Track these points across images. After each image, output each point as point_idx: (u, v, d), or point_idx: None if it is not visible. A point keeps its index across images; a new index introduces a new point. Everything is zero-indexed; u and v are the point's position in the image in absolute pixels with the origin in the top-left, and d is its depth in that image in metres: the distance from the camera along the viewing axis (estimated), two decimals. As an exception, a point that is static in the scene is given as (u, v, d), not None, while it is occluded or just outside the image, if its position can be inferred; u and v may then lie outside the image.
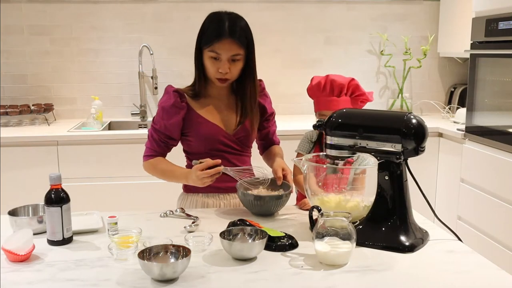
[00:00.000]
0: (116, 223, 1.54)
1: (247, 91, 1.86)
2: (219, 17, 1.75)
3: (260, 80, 1.94)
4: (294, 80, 3.79)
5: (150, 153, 1.89)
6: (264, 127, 1.99)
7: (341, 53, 3.83)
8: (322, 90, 1.91)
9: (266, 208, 1.70)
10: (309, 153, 1.93)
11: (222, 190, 1.89)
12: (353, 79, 1.90)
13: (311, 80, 1.98)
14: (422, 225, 1.56)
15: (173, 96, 1.83)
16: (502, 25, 2.72)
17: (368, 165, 1.64)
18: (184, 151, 1.93)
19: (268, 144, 2.04)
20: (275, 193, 1.75)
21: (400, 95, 3.80)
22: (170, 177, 1.85)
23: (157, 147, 1.87)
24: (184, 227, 1.59)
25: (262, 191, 1.77)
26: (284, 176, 1.78)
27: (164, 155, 1.90)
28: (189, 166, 1.91)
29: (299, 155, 1.97)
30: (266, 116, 1.97)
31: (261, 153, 2.08)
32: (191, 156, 1.88)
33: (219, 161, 1.70)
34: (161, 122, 1.84)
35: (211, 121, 1.85)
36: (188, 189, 1.93)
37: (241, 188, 1.74)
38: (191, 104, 1.85)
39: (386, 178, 1.45)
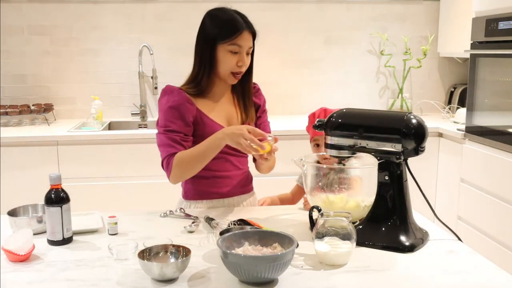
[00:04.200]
0: (116, 223, 1.54)
1: (247, 86, 1.85)
2: (229, 11, 1.76)
3: (254, 83, 1.92)
4: (294, 80, 3.79)
5: (172, 158, 1.70)
6: (258, 125, 1.92)
7: (341, 53, 3.83)
8: (316, 118, 1.93)
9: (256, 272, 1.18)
10: None
11: (225, 194, 1.84)
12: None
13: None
14: (422, 225, 1.56)
15: (180, 92, 1.76)
16: (502, 25, 2.72)
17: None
18: None
19: None
20: (269, 250, 1.28)
21: (400, 95, 3.80)
22: (204, 155, 1.67)
23: (179, 146, 1.71)
24: (184, 227, 1.59)
25: (248, 249, 1.29)
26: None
27: None
28: None
29: (297, 186, 2.02)
30: (259, 113, 1.93)
31: (254, 159, 1.82)
32: None
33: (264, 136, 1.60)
34: (177, 123, 1.72)
35: (216, 122, 1.79)
36: (189, 196, 1.86)
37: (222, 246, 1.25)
38: (195, 103, 1.78)
39: (386, 178, 1.45)
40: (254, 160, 1.83)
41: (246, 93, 1.86)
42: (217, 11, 1.78)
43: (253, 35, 1.76)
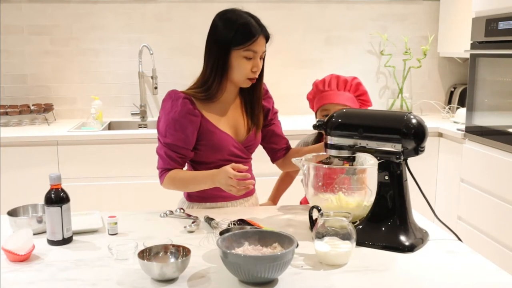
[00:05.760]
0: (116, 223, 1.54)
1: (257, 92, 1.80)
2: (242, 14, 1.68)
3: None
4: (294, 80, 3.79)
5: (166, 173, 1.74)
6: (271, 124, 1.90)
7: (341, 53, 3.83)
8: (328, 85, 1.92)
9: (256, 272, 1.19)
10: None
11: (231, 198, 1.82)
12: (355, 78, 1.91)
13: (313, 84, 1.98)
14: (422, 225, 1.56)
15: (184, 103, 1.69)
16: (502, 25, 2.72)
17: (366, 164, 1.64)
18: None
19: (280, 146, 1.92)
20: (269, 250, 1.30)
21: (400, 95, 3.80)
22: (193, 184, 1.71)
23: (175, 164, 1.72)
24: (184, 227, 1.59)
25: (248, 249, 1.29)
26: None
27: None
28: None
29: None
30: (271, 116, 1.90)
31: (275, 159, 1.94)
32: (197, 165, 1.79)
33: (248, 175, 1.56)
34: (175, 135, 1.69)
35: (222, 130, 1.75)
36: (192, 198, 1.84)
37: (222, 246, 1.25)
38: (201, 110, 1.72)
39: (386, 178, 1.45)
40: (273, 160, 1.94)
41: (255, 99, 1.81)
42: (230, 13, 1.68)
43: (267, 39, 1.70)
